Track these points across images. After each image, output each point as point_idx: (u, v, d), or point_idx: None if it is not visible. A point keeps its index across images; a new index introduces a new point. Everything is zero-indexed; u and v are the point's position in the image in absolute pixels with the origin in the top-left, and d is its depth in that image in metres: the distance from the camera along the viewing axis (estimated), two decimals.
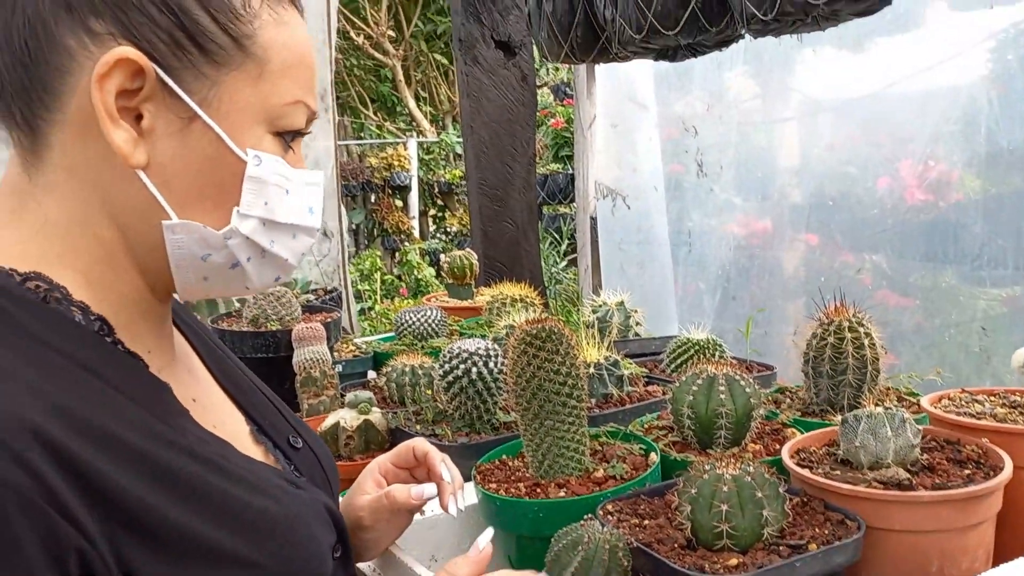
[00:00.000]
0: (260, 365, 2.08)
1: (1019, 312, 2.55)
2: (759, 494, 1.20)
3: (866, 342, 1.66)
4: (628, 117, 3.55)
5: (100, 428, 0.69)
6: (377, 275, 9.15)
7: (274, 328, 2.09)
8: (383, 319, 6.54)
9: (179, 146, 0.78)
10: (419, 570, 1.28)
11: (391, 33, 12.43)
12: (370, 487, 1.24)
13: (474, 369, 1.77)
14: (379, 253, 9.97)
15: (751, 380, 1.58)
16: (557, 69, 8.13)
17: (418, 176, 11.44)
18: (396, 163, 11.24)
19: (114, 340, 0.78)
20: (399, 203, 11.52)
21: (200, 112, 0.77)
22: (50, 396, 0.67)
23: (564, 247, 6.54)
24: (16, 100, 0.76)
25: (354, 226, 11.74)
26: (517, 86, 3.50)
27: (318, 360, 1.97)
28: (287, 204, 0.83)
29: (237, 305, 2.39)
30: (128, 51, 0.74)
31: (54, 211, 0.78)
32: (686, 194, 3.24)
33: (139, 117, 0.77)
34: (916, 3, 2.68)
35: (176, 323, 0.96)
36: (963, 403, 1.58)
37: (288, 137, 0.82)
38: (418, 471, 1.29)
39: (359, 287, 8.68)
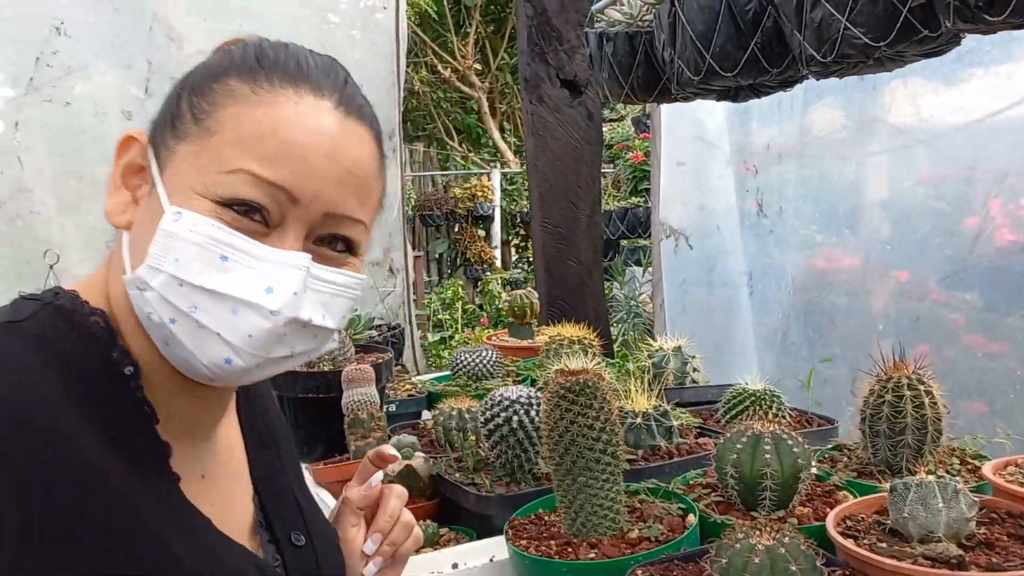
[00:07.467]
0: (311, 406, 2.11)
1: None
2: (793, 567, 1.13)
3: (926, 400, 1.57)
4: (695, 154, 3.48)
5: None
6: (459, 304, 9.21)
7: (326, 369, 2.12)
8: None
9: (144, 209, 0.82)
10: None
11: (477, 67, 12.63)
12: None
13: (515, 418, 1.75)
14: (461, 282, 10.05)
15: (800, 440, 1.51)
16: None
17: (501, 206, 11.54)
18: (479, 193, 11.37)
19: (137, 386, 0.80)
20: (481, 233, 11.65)
21: (157, 177, 0.81)
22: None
23: (643, 279, 6.46)
24: None
25: (437, 255, 11.94)
26: (583, 124, 3.50)
27: (365, 402, 1.98)
28: (218, 270, 0.77)
29: None
30: (135, 131, 0.84)
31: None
32: (748, 232, 3.13)
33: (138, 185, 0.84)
34: (1013, 34, 2.53)
35: (242, 412, 0.99)
36: None
37: (238, 208, 0.77)
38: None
39: (440, 316, 8.73)
